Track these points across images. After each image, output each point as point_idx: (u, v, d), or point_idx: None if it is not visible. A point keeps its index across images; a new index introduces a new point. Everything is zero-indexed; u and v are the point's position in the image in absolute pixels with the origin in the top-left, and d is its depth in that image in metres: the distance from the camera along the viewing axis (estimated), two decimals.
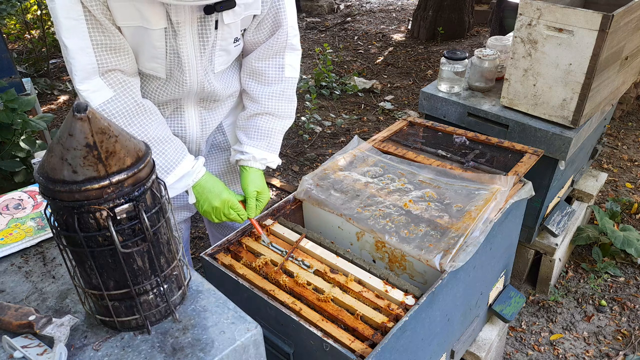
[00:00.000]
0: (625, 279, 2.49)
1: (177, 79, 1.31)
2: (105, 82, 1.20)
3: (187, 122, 1.44)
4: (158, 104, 1.37)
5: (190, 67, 1.28)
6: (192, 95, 1.38)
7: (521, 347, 2.19)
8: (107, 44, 1.17)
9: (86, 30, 1.13)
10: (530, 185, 1.54)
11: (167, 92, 1.34)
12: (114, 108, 1.21)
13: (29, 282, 1.03)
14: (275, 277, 1.24)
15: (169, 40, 1.22)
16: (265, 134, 1.47)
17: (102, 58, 1.17)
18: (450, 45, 5.57)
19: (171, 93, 1.35)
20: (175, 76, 1.30)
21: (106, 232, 0.79)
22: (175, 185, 1.31)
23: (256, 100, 1.47)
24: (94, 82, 1.19)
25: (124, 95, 1.22)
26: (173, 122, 1.44)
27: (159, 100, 1.37)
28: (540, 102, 1.89)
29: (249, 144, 1.46)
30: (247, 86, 1.48)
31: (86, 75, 1.18)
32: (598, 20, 1.64)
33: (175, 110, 1.42)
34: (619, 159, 3.39)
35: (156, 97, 1.36)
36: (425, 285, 1.32)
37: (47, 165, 0.76)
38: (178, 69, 1.28)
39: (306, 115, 4.01)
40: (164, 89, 1.34)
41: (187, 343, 0.88)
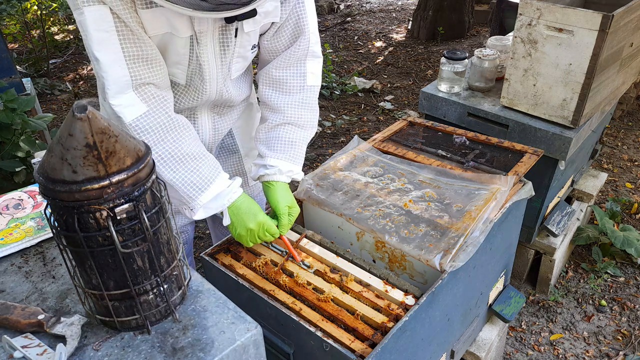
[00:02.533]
0: (625, 279, 2.49)
1: (196, 86, 1.28)
2: (139, 96, 1.15)
3: (201, 128, 1.42)
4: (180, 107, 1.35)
5: (210, 76, 1.27)
6: (208, 103, 1.36)
7: (521, 347, 2.19)
8: (140, 56, 1.13)
9: (118, 43, 1.09)
10: (530, 185, 1.54)
11: (186, 99, 1.32)
12: (148, 123, 1.16)
13: (29, 282, 1.03)
14: (275, 277, 1.24)
15: (193, 48, 1.20)
16: (289, 145, 1.39)
17: (135, 71, 1.13)
18: (450, 45, 5.57)
19: (189, 101, 1.32)
20: (195, 84, 1.28)
21: (106, 232, 0.79)
22: (209, 205, 1.23)
23: (278, 110, 1.40)
24: (127, 97, 1.14)
25: (157, 110, 1.18)
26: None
27: (176, 108, 1.32)
28: (540, 102, 1.89)
29: (273, 157, 1.37)
30: (267, 97, 1.41)
31: (119, 89, 1.13)
32: (598, 20, 1.64)
33: (189, 116, 1.39)
34: (619, 159, 3.39)
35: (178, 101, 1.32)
36: (425, 285, 1.32)
37: (47, 165, 0.76)
38: (199, 77, 1.26)
39: None
40: (182, 96, 1.31)
41: (187, 343, 0.88)
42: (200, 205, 1.22)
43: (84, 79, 4.97)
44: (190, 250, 1.78)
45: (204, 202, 1.22)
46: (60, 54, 5.49)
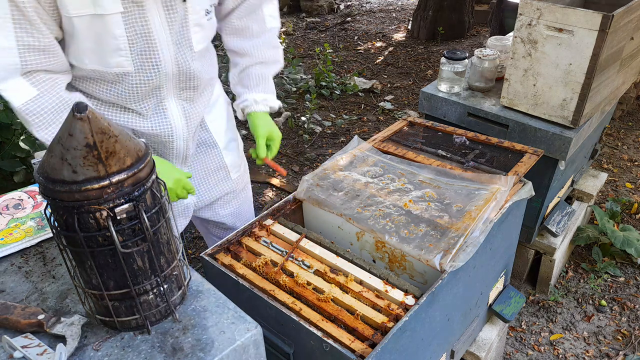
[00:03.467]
0: (625, 279, 2.49)
1: (149, 63, 1.24)
2: (28, 81, 1.14)
3: (172, 118, 1.38)
4: (138, 102, 1.31)
5: (161, 45, 1.23)
6: (170, 83, 1.32)
7: (521, 347, 2.19)
8: (36, 46, 1.11)
9: (13, 31, 1.08)
10: (530, 185, 1.54)
11: (142, 83, 1.27)
12: (39, 106, 1.16)
13: (29, 282, 1.03)
14: (275, 277, 1.24)
15: (129, 26, 1.16)
16: (260, 79, 1.54)
17: (27, 60, 1.12)
18: (450, 45, 5.57)
19: (146, 82, 1.27)
20: (147, 61, 1.23)
21: (106, 232, 0.79)
22: None
23: (245, 54, 1.52)
24: (15, 82, 1.13)
25: (48, 93, 1.16)
26: (157, 120, 1.36)
27: (138, 98, 1.29)
28: (540, 102, 1.89)
29: (247, 92, 1.53)
30: (233, 44, 1.51)
31: (7, 75, 1.12)
32: (598, 20, 1.64)
33: (157, 107, 1.35)
34: (619, 159, 3.39)
35: (133, 95, 1.28)
36: (425, 285, 1.32)
37: (47, 165, 0.76)
38: (148, 51, 1.22)
39: (306, 115, 4.01)
40: (136, 82, 1.26)
41: (187, 343, 0.88)
42: None
43: None
44: None
45: None
46: None
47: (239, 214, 1.72)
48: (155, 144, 1.41)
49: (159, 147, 1.43)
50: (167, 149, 1.43)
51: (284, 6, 7.24)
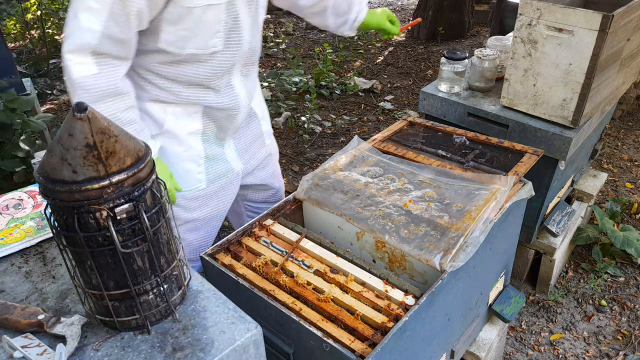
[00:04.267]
0: (625, 279, 2.49)
1: (234, 41, 1.40)
2: (94, 60, 1.22)
3: (238, 92, 1.53)
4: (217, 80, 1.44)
5: (244, 25, 1.40)
6: (239, 61, 1.48)
7: (521, 347, 2.19)
8: (117, 37, 1.21)
9: (105, 19, 1.17)
10: (530, 185, 1.54)
11: (226, 60, 1.42)
12: (93, 84, 1.23)
13: (29, 282, 1.03)
14: (275, 277, 1.24)
15: (230, 12, 1.34)
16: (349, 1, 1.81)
17: (103, 45, 1.21)
18: (450, 45, 5.57)
19: (230, 59, 1.43)
20: (233, 40, 1.40)
21: (106, 232, 0.79)
22: None
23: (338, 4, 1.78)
24: (83, 57, 1.22)
25: (106, 75, 1.25)
26: (227, 95, 1.51)
27: (218, 75, 1.43)
28: (540, 102, 1.89)
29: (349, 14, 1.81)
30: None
31: (79, 49, 1.21)
32: (598, 20, 1.64)
33: (227, 84, 1.50)
34: (619, 159, 3.39)
35: (215, 73, 1.42)
36: (426, 285, 1.32)
37: (47, 165, 0.76)
38: (235, 31, 1.39)
39: (306, 115, 4.01)
40: (222, 60, 1.41)
41: (187, 343, 0.88)
42: None
43: None
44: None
45: None
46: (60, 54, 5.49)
47: (275, 175, 1.90)
48: (221, 119, 1.55)
49: (223, 121, 1.56)
50: (230, 122, 1.57)
51: None
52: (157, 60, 1.37)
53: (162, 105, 1.46)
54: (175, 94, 1.43)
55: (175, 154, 1.51)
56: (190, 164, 1.55)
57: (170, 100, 1.44)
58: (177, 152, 1.51)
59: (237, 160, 1.67)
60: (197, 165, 1.56)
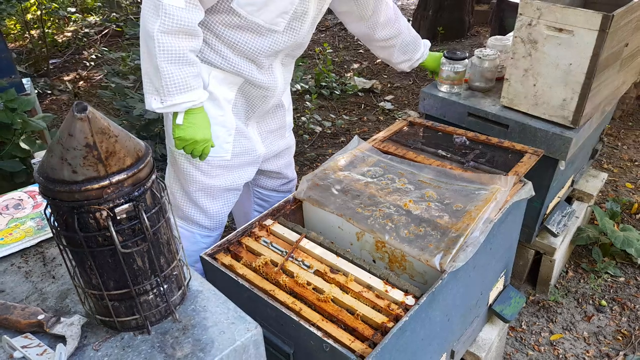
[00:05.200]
0: (625, 279, 2.49)
1: (293, 29, 1.48)
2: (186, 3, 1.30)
3: (277, 76, 1.62)
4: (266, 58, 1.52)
5: (308, 19, 1.48)
6: (287, 50, 1.56)
7: (521, 347, 2.19)
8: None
9: None
10: (530, 186, 1.54)
11: (280, 44, 1.49)
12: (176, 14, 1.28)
13: (29, 282, 1.03)
14: (275, 277, 1.24)
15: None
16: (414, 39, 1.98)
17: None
18: (450, 45, 5.56)
19: (282, 44, 1.50)
20: (294, 29, 1.48)
21: (106, 232, 0.79)
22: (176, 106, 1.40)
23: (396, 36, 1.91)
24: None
25: (190, 12, 1.31)
26: (268, 75, 1.59)
27: (268, 54, 1.51)
28: (541, 102, 1.89)
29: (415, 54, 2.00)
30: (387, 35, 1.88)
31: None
32: (598, 20, 1.64)
33: (270, 65, 1.58)
34: (619, 159, 3.39)
35: (267, 51, 1.49)
36: (426, 286, 1.32)
37: (47, 165, 0.76)
38: (299, 21, 1.47)
39: (306, 115, 4.01)
40: (277, 41, 1.48)
41: (187, 343, 0.88)
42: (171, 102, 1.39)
43: (84, 79, 4.97)
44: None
45: (176, 102, 1.39)
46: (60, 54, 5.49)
47: (289, 165, 2.00)
48: (255, 98, 1.63)
49: (256, 100, 1.64)
50: (261, 103, 1.65)
51: None
52: (223, 21, 1.43)
53: (208, 67, 1.52)
54: (225, 58, 1.50)
55: (213, 116, 1.56)
56: (222, 130, 1.60)
57: (218, 65, 1.51)
58: (214, 114, 1.57)
59: (260, 143, 1.76)
60: (227, 135, 1.62)
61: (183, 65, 1.35)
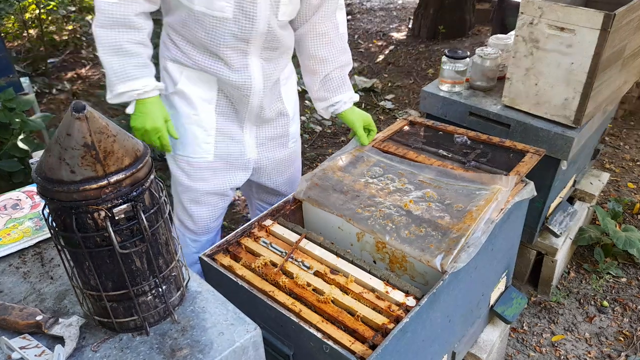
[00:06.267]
0: (627, 279, 2.48)
1: (247, 16, 1.39)
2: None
3: (252, 73, 1.51)
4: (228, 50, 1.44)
5: (261, 3, 1.38)
6: (257, 41, 1.46)
7: (523, 349, 2.18)
8: None
9: None
10: (532, 186, 1.53)
11: (236, 32, 1.41)
12: (108, 9, 1.32)
13: (27, 283, 1.02)
14: (275, 278, 1.23)
15: None
16: (342, 82, 1.72)
17: None
18: (451, 44, 5.55)
19: (240, 33, 1.42)
20: (245, 14, 1.39)
21: (104, 233, 0.78)
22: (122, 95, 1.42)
23: (324, 60, 1.67)
24: None
25: (123, 6, 1.33)
26: (240, 73, 1.50)
27: (229, 45, 1.43)
28: (542, 102, 1.88)
29: (333, 96, 1.71)
30: (313, 50, 1.65)
31: None
32: (600, 19, 1.63)
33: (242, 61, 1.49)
34: (621, 158, 3.38)
35: (225, 42, 1.42)
36: (426, 287, 1.31)
37: (45, 165, 0.75)
38: (248, 5, 1.37)
39: (306, 115, 4.00)
40: (231, 30, 1.41)
41: (185, 344, 0.87)
42: (115, 92, 1.42)
43: (82, 78, 4.96)
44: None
45: (119, 92, 1.41)
46: (59, 53, 5.49)
47: (291, 182, 1.86)
48: (235, 98, 1.55)
49: (237, 104, 1.56)
50: (244, 105, 1.56)
51: None
52: (178, 19, 1.42)
53: (179, 66, 1.51)
54: (191, 58, 1.47)
55: (186, 114, 1.55)
56: (199, 130, 1.57)
57: (188, 64, 1.49)
58: (187, 113, 1.55)
59: (253, 148, 1.68)
60: (206, 135, 1.58)
61: (122, 56, 1.38)
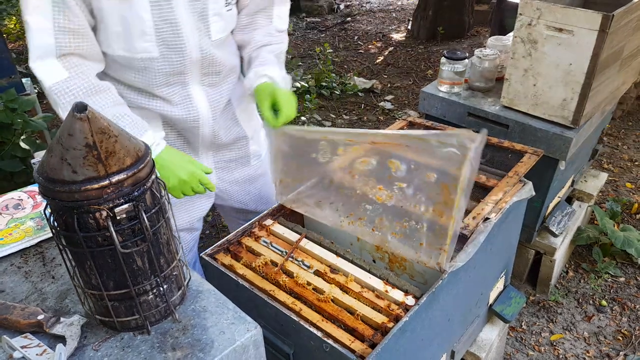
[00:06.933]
0: (625, 279, 2.49)
1: (175, 49, 1.29)
2: (62, 64, 1.21)
3: (197, 104, 1.42)
4: (164, 88, 1.36)
5: (186, 32, 1.27)
6: (194, 69, 1.36)
7: (521, 348, 2.19)
8: (70, 28, 1.19)
9: (51, 12, 1.15)
10: (530, 185, 1.54)
11: (167, 69, 1.31)
12: (67, 87, 1.22)
13: (28, 282, 1.03)
14: (275, 278, 1.24)
15: (156, 11, 1.22)
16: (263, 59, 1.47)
17: (61, 41, 1.19)
18: (450, 45, 5.56)
19: (172, 68, 1.32)
20: (173, 48, 1.29)
21: (106, 232, 0.79)
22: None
23: (247, 43, 1.49)
24: (49, 62, 1.20)
25: (78, 76, 1.23)
26: (184, 107, 1.41)
27: (163, 83, 1.35)
28: (541, 102, 1.88)
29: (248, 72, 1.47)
30: (238, 38, 1.49)
31: (42, 54, 1.19)
32: (598, 20, 1.64)
33: (183, 93, 1.40)
34: (619, 158, 3.39)
35: (159, 81, 1.33)
36: (426, 286, 1.32)
37: (46, 165, 0.76)
38: (174, 38, 1.27)
39: (306, 115, 4.01)
40: (162, 68, 1.31)
41: (186, 343, 0.88)
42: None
43: None
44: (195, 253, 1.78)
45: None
46: None
47: (260, 198, 1.76)
48: (184, 130, 1.46)
49: (188, 134, 1.48)
50: (195, 136, 1.47)
51: None
52: (107, 62, 1.33)
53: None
54: (128, 99, 1.36)
55: None
56: None
57: (132, 106, 1.37)
58: None
59: (212, 174, 1.55)
60: None
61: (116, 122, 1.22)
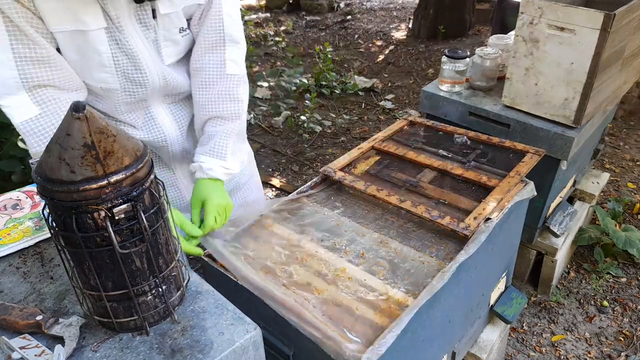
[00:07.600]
0: (627, 279, 2.48)
1: (136, 80, 1.23)
2: (32, 98, 1.12)
3: (162, 124, 1.38)
4: (127, 115, 1.31)
5: (146, 62, 1.22)
6: (155, 94, 1.31)
7: (523, 349, 2.18)
8: (32, 57, 1.09)
9: (7, 42, 1.05)
10: (532, 186, 1.53)
11: (128, 98, 1.27)
12: (37, 126, 1.13)
13: (27, 283, 1.02)
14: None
15: (113, 43, 1.15)
16: (211, 140, 1.34)
17: (27, 73, 1.09)
18: (451, 44, 5.56)
19: (133, 98, 1.27)
20: (133, 79, 1.23)
21: (104, 233, 0.78)
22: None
23: (201, 105, 1.36)
24: (18, 98, 1.11)
25: (50, 113, 1.13)
26: (149, 129, 1.38)
27: (126, 110, 1.30)
28: (542, 102, 1.88)
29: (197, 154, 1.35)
30: (192, 91, 1.38)
31: (7, 90, 1.10)
32: (600, 19, 1.63)
33: (146, 116, 1.36)
34: (621, 158, 3.38)
35: (121, 109, 1.29)
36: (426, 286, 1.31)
37: (45, 165, 0.75)
38: (134, 69, 1.21)
39: (306, 115, 4.00)
40: (123, 98, 1.26)
41: (185, 344, 0.87)
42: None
43: None
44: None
45: None
46: None
47: (246, 205, 1.71)
48: (155, 149, 1.43)
49: (158, 151, 1.45)
50: (165, 152, 1.45)
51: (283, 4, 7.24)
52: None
53: None
54: None
55: None
56: None
57: None
58: None
59: (190, 189, 1.52)
60: None
61: None
